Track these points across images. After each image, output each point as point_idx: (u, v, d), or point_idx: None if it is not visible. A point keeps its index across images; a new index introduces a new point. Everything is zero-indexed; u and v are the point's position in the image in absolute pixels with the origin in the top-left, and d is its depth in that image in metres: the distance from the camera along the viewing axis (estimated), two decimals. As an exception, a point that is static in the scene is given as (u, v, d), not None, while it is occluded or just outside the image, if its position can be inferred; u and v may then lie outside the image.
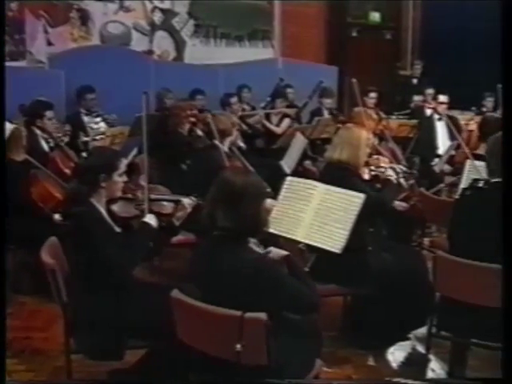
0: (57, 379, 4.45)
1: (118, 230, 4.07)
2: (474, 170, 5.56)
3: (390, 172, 5.43)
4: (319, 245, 4.43)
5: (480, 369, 4.61)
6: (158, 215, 4.35)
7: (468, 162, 5.94)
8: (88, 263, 3.85)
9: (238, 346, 3.11)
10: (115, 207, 4.14)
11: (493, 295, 3.96)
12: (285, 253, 3.57)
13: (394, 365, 4.85)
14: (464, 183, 5.47)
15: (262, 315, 3.09)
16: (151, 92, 9.35)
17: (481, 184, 4.24)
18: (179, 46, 11.05)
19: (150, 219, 4.13)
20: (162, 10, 10.75)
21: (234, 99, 9.03)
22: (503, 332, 3.18)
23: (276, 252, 3.57)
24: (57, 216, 5.42)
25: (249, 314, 3.10)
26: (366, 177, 5.25)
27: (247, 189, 3.32)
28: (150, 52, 10.62)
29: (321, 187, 4.61)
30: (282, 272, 3.44)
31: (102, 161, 4.11)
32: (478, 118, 8.06)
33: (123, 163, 4.16)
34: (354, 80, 6.88)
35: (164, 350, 3.83)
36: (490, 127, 6.18)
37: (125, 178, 4.18)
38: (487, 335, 4.09)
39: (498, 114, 7.77)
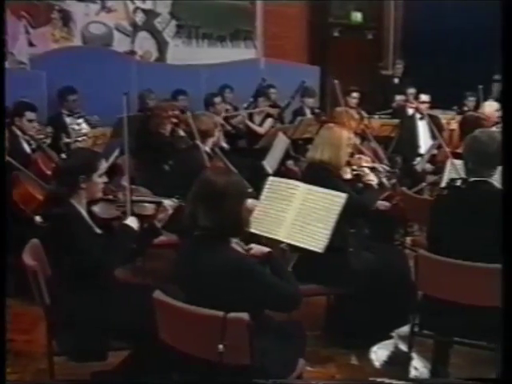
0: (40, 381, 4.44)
1: (98, 231, 4.06)
2: (455, 170, 5.59)
3: (371, 176, 5.46)
4: (301, 244, 4.44)
5: (462, 367, 4.64)
6: (140, 217, 4.34)
7: (449, 161, 5.97)
8: (69, 265, 3.84)
9: (221, 346, 3.11)
10: (96, 208, 4.13)
11: (474, 293, 4.00)
12: (267, 249, 3.59)
13: (377, 364, 4.88)
14: (445, 182, 5.50)
15: (245, 315, 3.09)
16: (133, 93, 9.36)
17: (459, 183, 4.26)
18: (161, 46, 11.05)
19: (132, 221, 4.11)
20: (144, 11, 10.75)
21: (217, 99, 9.03)
22: (503, 332, 3.19)
23: (258, 248, 3.61)
24: (38, 218, 5.40)
25: (231, 315, 3.10)
26: (348, 176, 5.26)
27: (228, 189, 3.33)
28: (132, 53, 10.62)
29: (302, 187, 4.62)
30: (263, 271, 3.45)
31: (81, 162, 4.09)
32: (459, 118, 8.10)
33: (103, 164, 4.14)
34: (336, 81, 6.90)
35: (147, 351, 3.82)
36: (470, 126, 6.21)
37: (105, 179, 4.17)
38: (469, 333, 4.12)
39: (478, 113, 7.80)
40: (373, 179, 5.47)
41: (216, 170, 3.63)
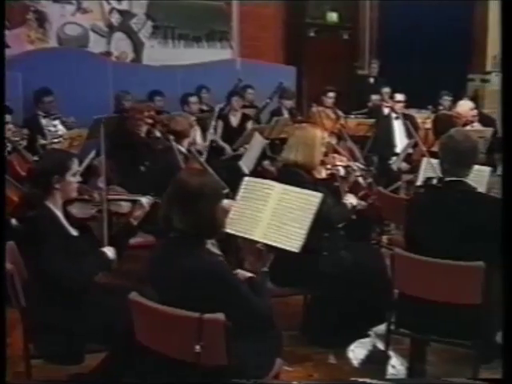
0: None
1: (74, 233, 4.04)
2: (431, 168, 5.62)
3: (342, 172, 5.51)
4: (277, 244, 4.44)
5: (439, 364, 4.68)
6: (116, 215, 4.34)
7: (424, 160, 6.00)
8: (42, 269, 3.82)
9: (198, 346, 3.12)
10: (72, 208, 4.12)
11: (450, 291, 4.03)
12: (249, 274, 3.65)
13: (355, 362, 4.89)
14: (420, 181, 5.53)
15: (221, 316, 3.10)
16: (109, 94, 9.36)
17: (434, 182, 4.29)
18: (137, 47, 11.03)
19: (109, 250, 4.08)
20: (120, 12, 10.71)
21: (193, 98, 9.05)
22: (503, 332, 3.22)
23: (242, 274, 3.68)
24: (14, 220, 5.37)
25: (207, 315, 3.10)
26: (323, 175, 5.27)
27: (203, 190, 3.32)
28: (108, 53, 10.59)
29: (278, 187, 4.62)
30: (235, 277, 3.47)
31: (53, 162, 4.06)
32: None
33: (76, 163, 4.12)
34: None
35: (124, 353, 3.81)
36: (443, 125, 6.26)
37: (79, 179, 4.14)
38: (446, 331, 4.15)
39: (451, 112, 7.85)
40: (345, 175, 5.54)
41: (191, 171, 3.62)
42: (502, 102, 3.90)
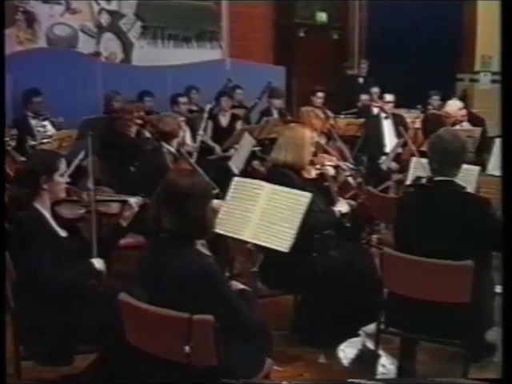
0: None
1: (62, 233, 4.03)
2: (420, 167, 5.63)
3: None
4: (267, 244, 4.44)
5: (429, 363, 4.69)
6: (105, 216, 4.33)
7: (413, 160, 6.02)
8: (31, 270, 3.81)
9: (187, 347, 3.12)
10: (60, 209, 4.11)
11: (440, 290, 4.05)
12: (241, 286, 3.65)
13: (345, 362, 4.89)
14: (409, 180, 5.54)
15: (210, 317, 3.10)
16: (99, 94, 9.34)
17: (423, 181, 4.30)
18: (126, 47, 11.01)
19: (98, 262, 4.03)
20: (109, 12, 10.70)
21: (182, 99, 9.04)
22: (503, 332, 3.23)
23: (234, 285, 3.66)
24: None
25: (197, 316, 3.10)
26: (313, 175, 5.27)
27: (192, 190, 3.31)
28: (98, 54, 10.57)
29: (267, 187, 4.62)
30: (226, 280, 3.48)
31: (40, 162, 4.04)
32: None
33: (63, 163, 4.11)
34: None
35: (114, 354, 3.81)
36: (433, 125, 6.28)
37: (67, 179, 4.14)
38: (435, 330, 4.16)
39: (440, 112, 7.87)
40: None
41: (180, 172, 3.61)
42: (502, 102, 3.91)
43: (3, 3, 6.30)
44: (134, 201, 4.35)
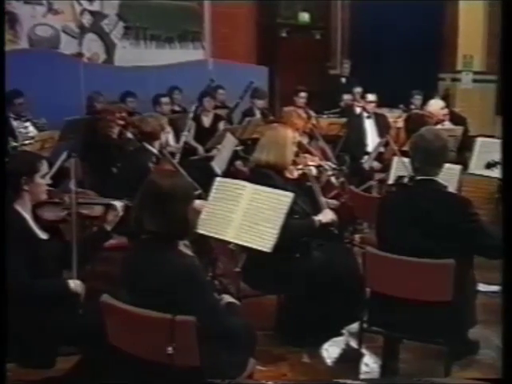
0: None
1: (43, 236, 4.01)
2: (402, 167, 5.64)
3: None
4: (249, 244, 4.45)
5: (412, 361, 4.71)
6: (88, 218, 4.31)
7: (395, 159, 6.03)
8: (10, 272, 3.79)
9: (170, 348, 3.13)
10: (41, 211, 4.08)
11: (422, 289, 4.07)
12: (230, 300, 3.68)
13: (329, 361, 4.90)
14: (391, 180, 5.56)
15: (192, 317, 3.10)
16: (81, 95, 9.31)
17: (405, 181, 4.32)
18: (109, 48, 10.99)
19: (74, 284, 3.94)
20: (91, 13, 10.67)
21: (165, 99, 9.04)
22: (503, 332, 3.24)
23: (226, 298, 3.69)
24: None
25: (179, 317, 3.11)
26: (295, 175, 5.28)
27: (174, 191, 3.31)
28: (80, 55, 10.54)
29: (249, 187, 4.63)
30: (206, 280, 3.47)
31: (21, 163, 4.02)
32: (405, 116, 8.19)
33: (44, 165, 4.08)
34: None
35: (97, 356, 3.80)
36: (415, 124, 6.31)
37: (48, 181, 4.11)
38: (418, 328, 4.18)
39: (423, 111, 7.89)
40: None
41: (161, 173, 3.61)
42: (502, 102, 3.93)
43: (3, 3, 6.29)
44: (119, 205, 4.32)
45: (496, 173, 5.98)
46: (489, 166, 5.96)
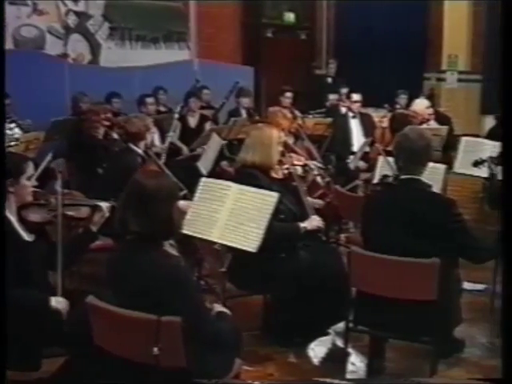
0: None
1: (28, 238, 4.00)
2: (387, 166, 5.66)
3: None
4: (234, 245, 4.45)
5: (398, 360, 4.72)
6: (74, 220, 4.30)
7: (380, 159, 6.05)
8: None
9: (156, 349, 3.12)
10: (27, 213, 4.07)
11: (407, 288, 4.08)
12: (220, 309, 3.67)
13: (315, 360, 4.91)
14: (377, 179, 5.57)
15: (178, 318, 3.10)
16: (66, 96, 9.28)
17: (390, 180, 4.34)
18: (94, 48, 10.98)
19: (57, 302, 3.86)
20: (77, 13, 10.66)
21: (150, 99, 9.03)
22: (503, 332, 3.25)
23: (216, 307, 3.69)
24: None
25: (165, 318, 3.10)
26: (280, 175, 5.28)
27: (158, 191, 3.30)
28: (65, 55, 10.53)
29: (234, 187, 4.64)
30: (192, 281, 3.47)
31: (7, 165, 4.01)
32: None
33: (30, 166, 4.07)
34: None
35: (83, 357, 3.78)
36: (399, 123, 6.33)
37: (34, 182, 4.10)
38: (403, 327, 4.19)
39: (407, 111, 7.92)
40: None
41: (146, 173, 3.59)
42: (502, 102, 3.95)
43: (3, 3, 6.25)
44: (105, 206, 4.31)
45: (482, 171, 6.00)
46: (476, 164, 5.99)
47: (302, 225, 5.00)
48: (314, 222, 5.09)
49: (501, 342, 3.31)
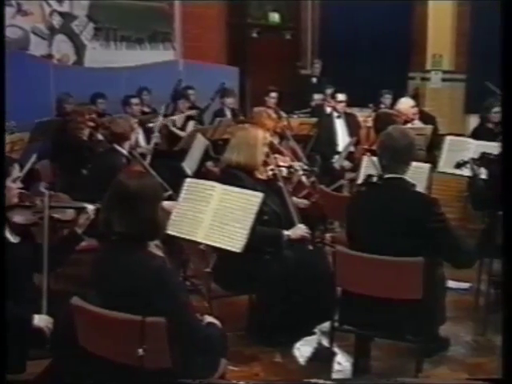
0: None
1: (14, 240, 3.99)
2: (372, 166, 5.67)
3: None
4: (219, 245, 4.45)
5: (383, 359, 4.74)
6: (59, 222, 4.29)
7: (365, 158, 6.06)
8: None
9: (140, 350, 3.12)
10: (12, 215, 4.06)
11: (391, 287, 4.09)
12: (209, 319, 3.66)
13: (301, 360, 4.89)
14: (361, 179, 5.58)
15: (162, 319, 3.10)
16: (51, 97, 9.25)
17: (375, 179, 4.35)
18: (79, 49, 10.95)
19: (40, 320, 3.83)
20: (61, 14, 10.62)
21: (135, 100, 9.00)
22: (503, 332, 3.26)
23: (206, 318, 3.68)
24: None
25: (149, 318, 3.10)
26: (266, 176, 5.28)
27: (141, 191, 3.29)
28: (50, 56, 10.49)
29: (219, 187, 4.64)
30: (178, 282, 3.47)
31: None
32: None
33: (16, 169, 4.06)
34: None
35: (68, 359, 3.77)
36: (383, 123, 6.35)
37: (19, 184, 4.09)
38: (388, 326, 4.20)
39: (391, 110, 7.93)
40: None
41: (129, 173, 3.58)
42: (502, 102, 3.97)
43: (3, 3, 6.22)
44: (90, 208, 4.30)
45: (465, 171, 6.03)
46: (458, 165, 6.00)
47: (286, 233, 4.97)
48: (298, 230, 5.04)
49: (501, 342, 3.32)
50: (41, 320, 3.82)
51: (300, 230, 5.05)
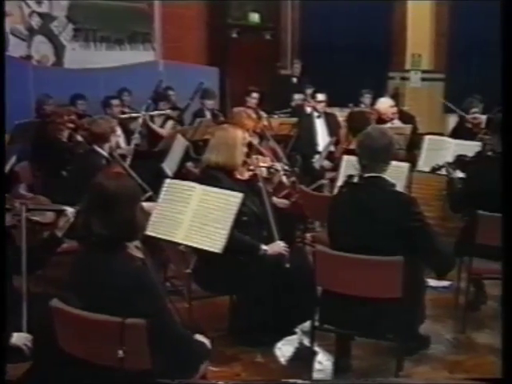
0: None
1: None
2: (351, 165, 5.68)
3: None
4: (199, 246, 4.44)
5: (364, 357, 4.76)
6: (39, 224, 4.27)
7: (345, 158, 6.07)
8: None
9: (120, 351, 3.11)
10: None
11: (372, 286, 4.11)
12: (202, 339, 3.63)
13: (282, 360, 4.91)
14: (341, 178, 5.59)
15: (142, 320, 3.10)
16: (30, 98, 9.21)
17: (355, 179, 4.36)
18: (58, 50, 10.92)
19: (18, 338, 3.76)
20: (40, 14, 10.58)
21: (115, 101, 8.98)
22: (503, 332, 3.27)
23: (197, 337, 3.63)
24: None
25: (129, 320, 3.09)
26: (246, 176, 5.28)
27: (120, 193, 3.27)
28: (29, 57, 10.45)
29: (198, 188, 4.63)
30: (156, 282, 3.46)
31: None
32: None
33: None
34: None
35: (48, 362, 3.75)
36: (357, 121, 6.38)
37: (-1, 186, 4.09)
38: (368, 325, 4.22)
39: (365, 109, 7.96)
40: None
41: (108, 175, 3.56)
42: (502, 102, 3.98)
43: (3, 3, 6.17)
44: (70, 211, 4.28)
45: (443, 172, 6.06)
46: (434, 170, 6.05)
47: (264, 247, 4.90)
48: (275, 247, 4.94)
49: (501, 342, 3.34)
50: (19, 338, 3.76)
51: (277, 246, 4.95)
